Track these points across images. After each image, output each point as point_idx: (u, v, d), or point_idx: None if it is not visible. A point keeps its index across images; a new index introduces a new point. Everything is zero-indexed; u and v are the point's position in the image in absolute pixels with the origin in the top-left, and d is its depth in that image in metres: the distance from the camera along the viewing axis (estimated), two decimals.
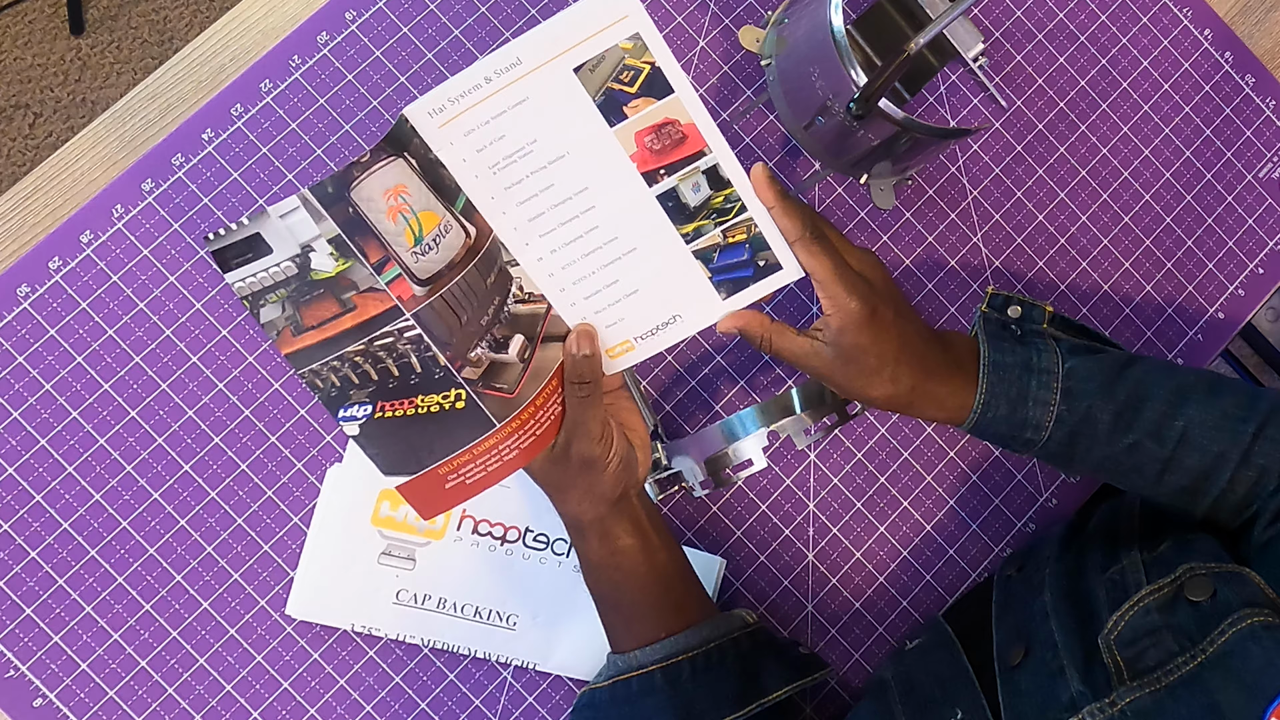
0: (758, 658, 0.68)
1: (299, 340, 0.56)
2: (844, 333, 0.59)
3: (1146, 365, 0.67)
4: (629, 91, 0.57)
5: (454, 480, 0.60)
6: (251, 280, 0.55)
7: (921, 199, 0.86)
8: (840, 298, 0.59)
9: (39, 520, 0.73)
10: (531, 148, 0.57)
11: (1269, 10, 0.93)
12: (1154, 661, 0.55)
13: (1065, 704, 0.58)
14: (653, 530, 0.67)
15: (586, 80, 0.57)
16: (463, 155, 0.57)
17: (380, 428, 0.58)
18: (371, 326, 0.56)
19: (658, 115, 0.58)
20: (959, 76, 0.88)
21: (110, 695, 0.72)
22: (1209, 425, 0.64)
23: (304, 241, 0.55)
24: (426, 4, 0.81)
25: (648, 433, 0.66)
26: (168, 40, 1.70)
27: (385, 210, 0.55)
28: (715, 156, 0.59)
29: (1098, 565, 0.65)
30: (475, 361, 0.58)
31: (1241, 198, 0.90)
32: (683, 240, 0.60)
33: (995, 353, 0.65)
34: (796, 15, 0.77)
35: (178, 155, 0.77)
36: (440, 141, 0.56)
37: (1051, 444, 0.65)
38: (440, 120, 0.56)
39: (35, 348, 0.74)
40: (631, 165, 0.58)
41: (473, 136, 0.56)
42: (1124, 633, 0.57)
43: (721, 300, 0.62)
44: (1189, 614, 0.56)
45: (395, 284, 0.56)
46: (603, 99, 0.57)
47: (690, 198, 0.59)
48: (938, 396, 0.64)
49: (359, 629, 0.74)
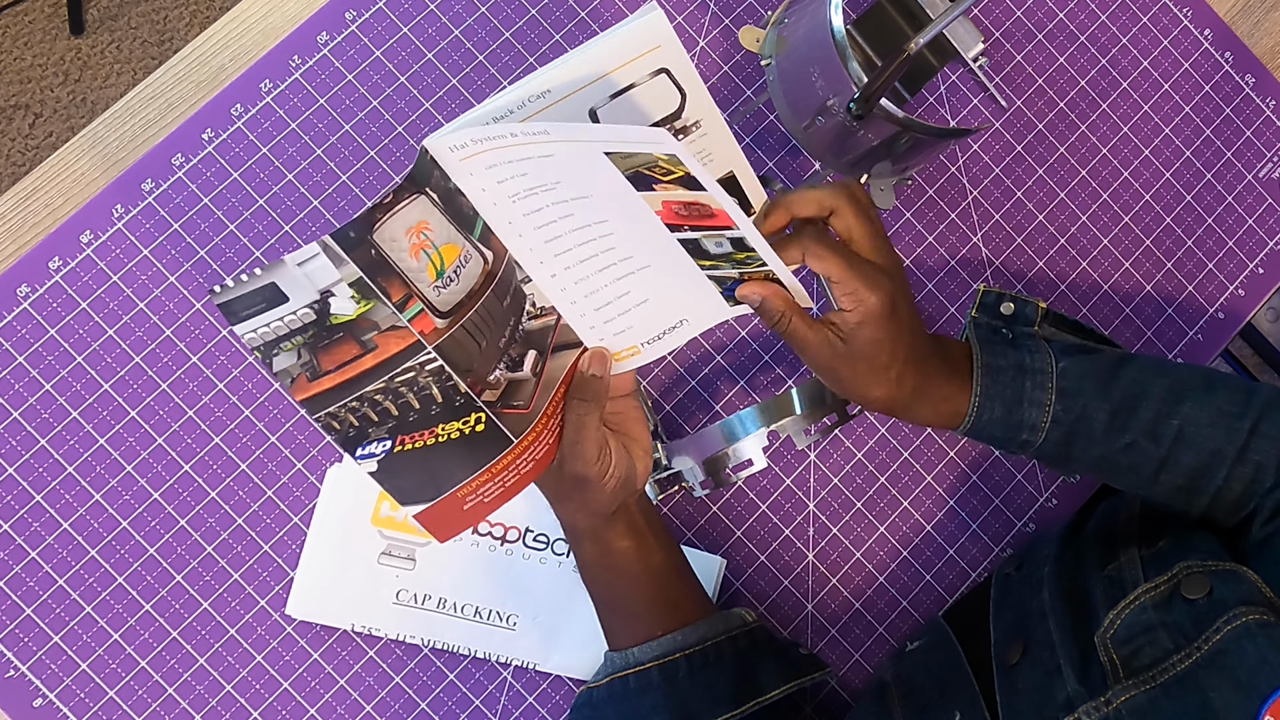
0: (756, 657, 0.68)
1: (315, 385, 0.54)
2: (863, 326, 0.59)
3: (1141, 364, 0.67)
4: (661, 179, 0.54)
5: (472, 501, 0.58)
6: (265, 330, 0.53)
7: (921, 199, 0.86)
8: (860, 292, 0.58)
9: (39, 520, 0.73)
10: (554, 186, 0.55)
11: (1269, 10, 0.93)
12: (1149, 660, 0.55)
13: (1061, 703, 0.58)
14: (649, 531, 0.67)
15: (617, 161, 0.53)
16: (483, 185, 0.55)
17: (399, 461, 0.56)
18: (393, 364, 0.54)
19: (688, 198, 0.55)
20: (959, 76, 0.88)
21: (110, 695, 0.72)
22: (1205, 423, 0.64)
23: (323, 287, 0.52)
24: (426, 4, 0.81)
25: (650, 440, 0.66)
26: (168, 40, 1.70)
27: (408, 249, 0.54)
28: (743, 232, 0.55)
29: (1096, 563, 0.65)
30: (494, 384, 0.57)
31: (1241, 198, 0.90)
32: (699, 267, 0.59)
33: (989, 355, 0.65)
34: (796, 15, 0.77)
35: (178, 155, 0.77)
36: (460, 172, 0.55)
37: (1047, 445, 0.65)
38: (461, 155, 0.54)
39: (35, 348, 0.74)
40: (655, 216, 0.56)
41: (494, 170, 0.55)
42: (1120, 631, 0.57)
43: (729, 307, 0.61)
44: (1185, 612, 0.56)
45: (417, 319, 0.54)
46: (631, 175, 0.54)
47: (712, 249, 0.57)
48: (934, 400, 0.64)
49: (359, 629, 0.74)
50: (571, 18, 0.82)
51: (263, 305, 0.52)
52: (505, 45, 0.82)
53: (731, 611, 0.70)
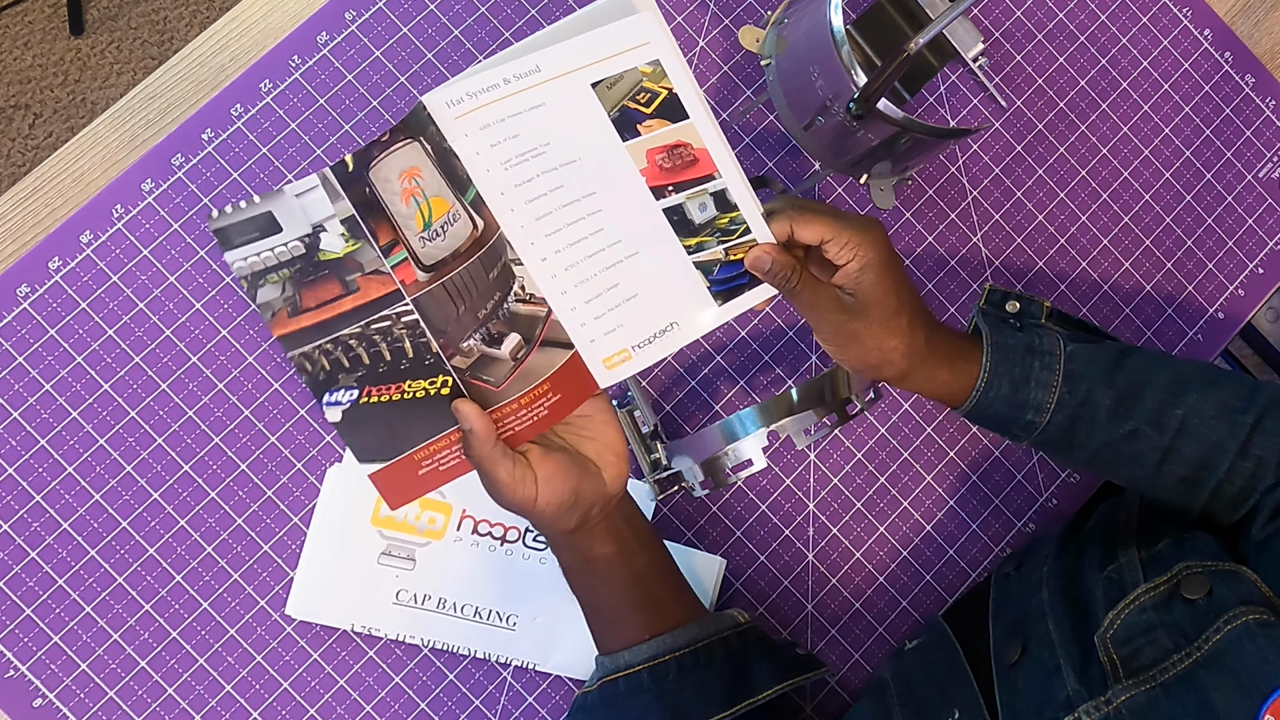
0: (748, 657, 0.68)
1: (295, 322, 0.56)
2: (865, 272, 0.59)
3: (1146, 354, 0.67)
4: (644, 111, 0.58)
5: (428, 466, 0.60)
6: (254, 260, 0.55)
7: (921, 199, 0.86)
8: (854, 239, 0.59)
9: (39, 520, 0.73)
10: (544, 149, 0.58)
11: (1269, 10, 0.93)
12: (1149, 660, 0.55)
13: (1061, 703, 0.58)
14: (631, 535, 0.66)
15: (603, 96, 0.57)
16: (476, 148, 0.57)
17: (364, 413, 0.58)
18: (371, 310, 0.57)
19: (671, 137, 0.58)
20: (959, 77, 0.88)
21: (110, 695, 0.72)
22: (1208, 415, 0.64)
23: (316, 221, 0.55)
24: (426, 4, 0.81)
25: (623, 443, 0.64)
26: (167, 40, 1.70)
27: (399, 192, 0.56)
28: (724, 181, 0.59)
29: (1095, 563, 0.65)
30: (466, 352, 0.59)
31: (1241, 198, 0.90)
32: (685, 250, 0.61)
33: (998, 335, 0.66)
34: (796, 15, 0.77)
35: (178, 155, 0.77)
36: (455, 132, 0.57)
37: (1052, 428, 0.65)
38: (457, 112, 0.56)
39: (35, 348, 0.74)
40: (640, 178, 0.59)
41: (488, 131, 0.57)
42: (1119, 631, 0.57)
43: (718, 307, 0.62)
44: (1185, 612, 0.56)
45: (400, 268, 0.57)
46: (618, 115, 0.58)
47: (696, 215, 0.60)
48: (949, 358, 0.64)
49: (359, 629, 0.74)
50: None
51: (256, 234, 0.55)
52: (505, 45, 0.82)
53: (724, 613, 0.70)
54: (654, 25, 0.57)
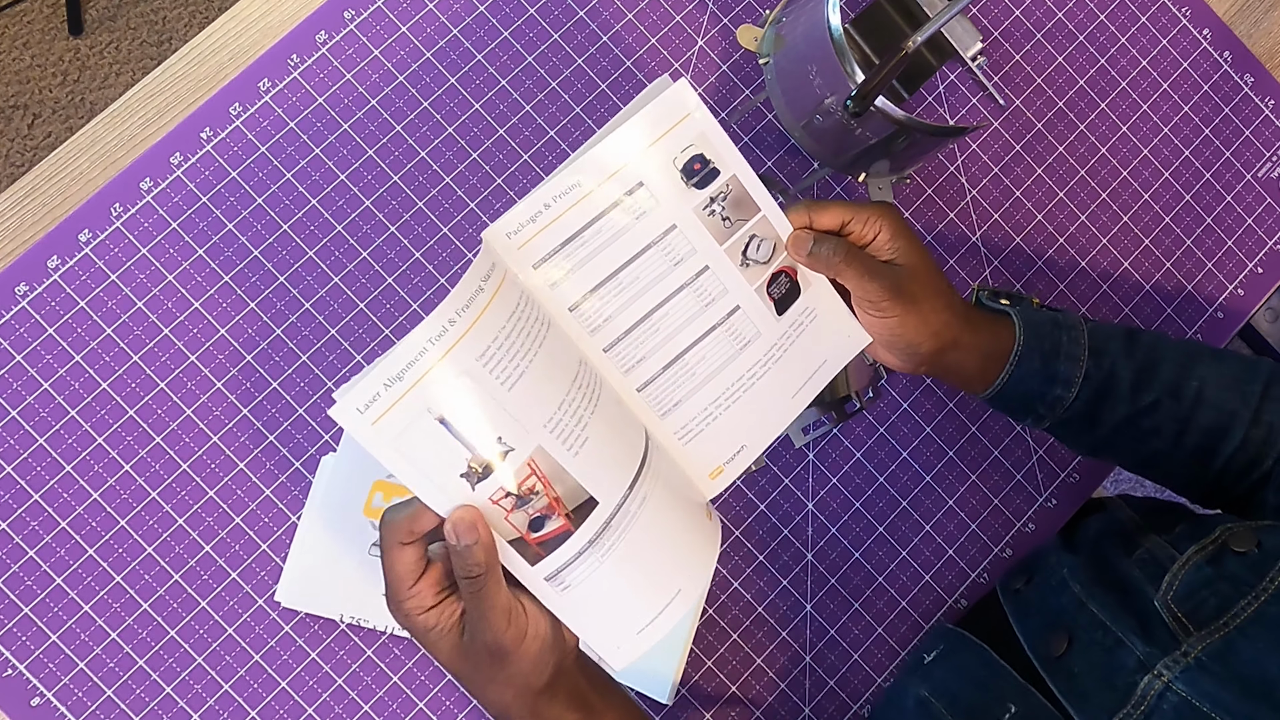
0: None
1: None
2: (897, 237, 0.61)
3: (1154, 332, 0.70)
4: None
5: None
6: None
7: (920, 198, 0.86)
8: (874, 213, 0.60)
9: (37, 519, 0.73)
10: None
11: (1268, 10, 0.93)
12: (1214, 610, 0.57)
13: (1133, 667, 0.59)
14: (595, 694, 0.59)
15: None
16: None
17: None
18: None
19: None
20: (957, 76, 0.87)
21: (108, 694, 0.72)
22: (1221, 385, 0.66)
23: None
24: (425, 3, 0.81)
25: None
26: (166, 40, 1.70)
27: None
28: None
29: (1120, 555, 0.67)
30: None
31: (1241, 197, 0.90)
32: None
33: (1024, 314, 0.67)
34: (794, 14, 0.77)
35: (176, 154, 0.77)
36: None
37: (1078, 403, 0.66)
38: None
39: (33, 346, 0.74)
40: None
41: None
42: (1180, 589, 0.59)
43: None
44: (1239, 563, 0.58)
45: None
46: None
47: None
48: (989, 326, 0.65)
49: (348, 619, 0.74)
50: (570, 16, 0.82)
51: None
52: (504, 44, 0.82)
53: None
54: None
